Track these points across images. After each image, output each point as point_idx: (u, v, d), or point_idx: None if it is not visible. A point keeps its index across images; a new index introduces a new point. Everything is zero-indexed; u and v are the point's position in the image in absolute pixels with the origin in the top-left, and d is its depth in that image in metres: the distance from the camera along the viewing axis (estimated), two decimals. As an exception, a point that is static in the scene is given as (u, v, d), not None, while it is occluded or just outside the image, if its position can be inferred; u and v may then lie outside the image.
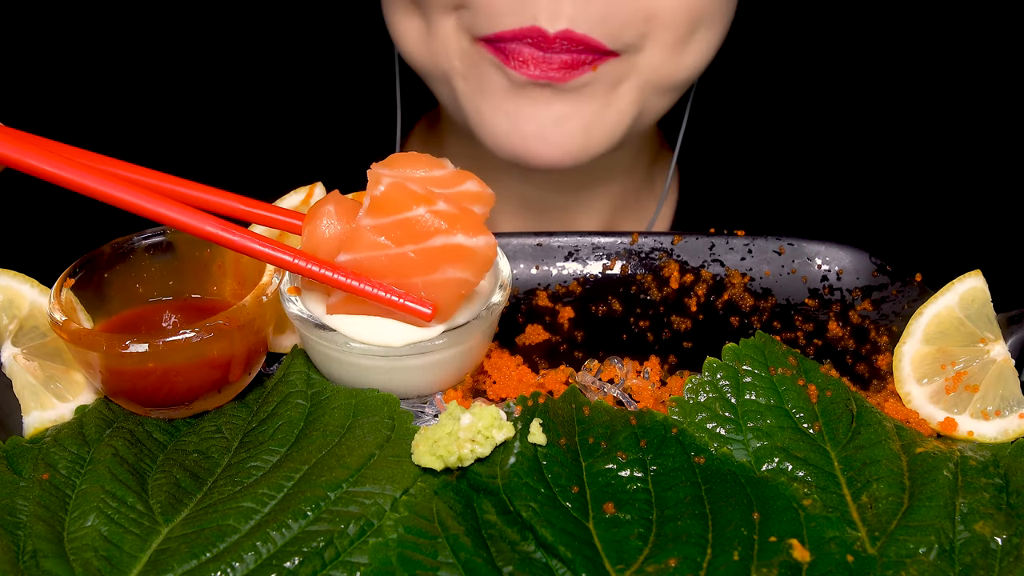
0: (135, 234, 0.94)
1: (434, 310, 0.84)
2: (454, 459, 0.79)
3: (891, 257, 1.09)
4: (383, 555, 0.74)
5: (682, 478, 0.81)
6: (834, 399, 0.88)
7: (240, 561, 0.74)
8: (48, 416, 0.88)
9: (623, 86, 1.17)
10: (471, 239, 0.83)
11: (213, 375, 0.85)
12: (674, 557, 0.74)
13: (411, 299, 0.84)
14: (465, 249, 0.83)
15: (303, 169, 1.22)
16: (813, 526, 0.77)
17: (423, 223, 0.82)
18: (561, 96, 1.15)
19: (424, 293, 0.84)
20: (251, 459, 0.83)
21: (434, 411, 0.91)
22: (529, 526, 0.76)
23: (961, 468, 0.84)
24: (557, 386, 0.93)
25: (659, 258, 1.10)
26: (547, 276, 1.10)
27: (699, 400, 0.87)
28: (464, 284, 0.85)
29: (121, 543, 0.75)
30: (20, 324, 0.91)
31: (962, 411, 0.90)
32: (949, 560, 0.76)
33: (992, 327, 0.93)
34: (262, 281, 0.88)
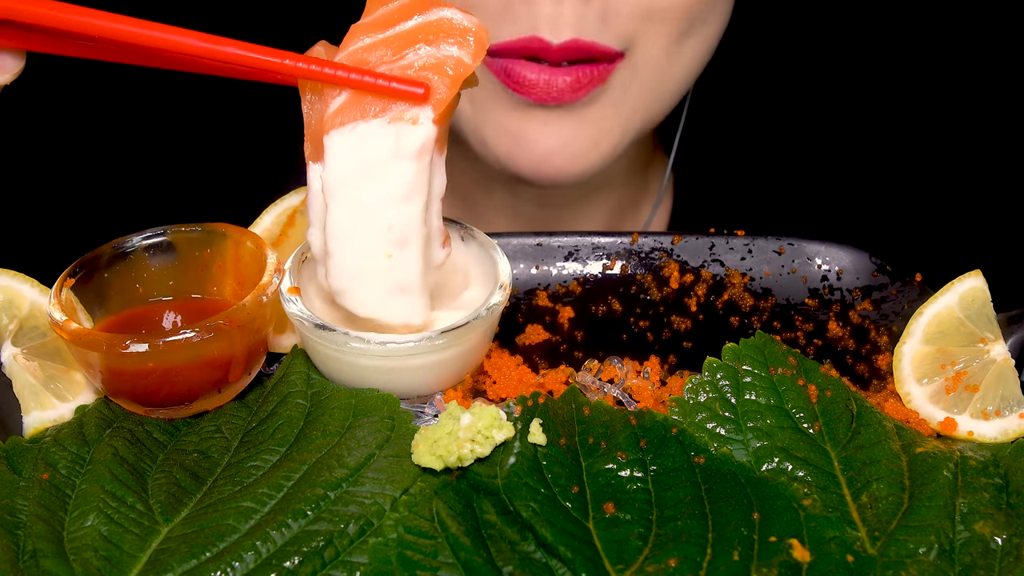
0: (135, 234, 0.94)
1: (427, 90, 0.76)
2: (454, 459, 0.79)
3: (891, 257, 1.09)
4: (383, 555, 0.74)
5: (682, 478, 0.81)
6: (834, 399, 0.88)
7: (240, 561, 0.74)
8: (48, 416, 0.88)
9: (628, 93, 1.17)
10: (459, 16, 0.77)
11: (213, 375, 0.85)
12: (674, 557, 0.74)
13: (401, 80, 0.76)
14: (453, 25, 0.77)
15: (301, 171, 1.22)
16: (813, 526, 0.77)
17: (413, 27, 0.78)
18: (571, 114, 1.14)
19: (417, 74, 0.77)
20: (251, 459, 0.83)
21: (434, 411, 0.91)
22: (529, 526, 0.76)
23: (961, 468, 0.84)
24: (557, 386, 0.93)
25: (659, 258, 1.10)
26: (547, 276, 1.09)
27: (699, 400, 0.87)
28: (458, 64, 0.77)
29: (121, 543, 0.75)
30: (20, 324, 0.91)
31: (962, 411, 0.90)
32: (949, 560, 0.76)
33: (992, 327, 0.93)
34: (262, 281, 0.88)
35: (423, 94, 0.77)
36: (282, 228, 1.01)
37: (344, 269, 0.83)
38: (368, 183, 0.79)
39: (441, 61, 0.78)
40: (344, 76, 0.77)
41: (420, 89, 0.77)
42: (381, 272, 0.83)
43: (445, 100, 0.78)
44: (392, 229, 0.81)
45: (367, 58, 0.80)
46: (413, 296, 0.85)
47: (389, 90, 0.77)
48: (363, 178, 0.79)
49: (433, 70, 0.78)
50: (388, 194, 0.80)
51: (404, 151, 0.78)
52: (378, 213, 0.80)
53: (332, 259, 0.83)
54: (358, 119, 0.78)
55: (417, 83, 0.77)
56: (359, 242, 0.81)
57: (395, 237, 0.81)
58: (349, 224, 0.81)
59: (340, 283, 0.84)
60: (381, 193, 0.80)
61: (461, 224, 0.98)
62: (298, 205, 1.01)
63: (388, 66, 0.79)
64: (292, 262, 0.93)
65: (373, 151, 0.79)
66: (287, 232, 1.01)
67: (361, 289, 0.84)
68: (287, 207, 1.01)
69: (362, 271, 0.83)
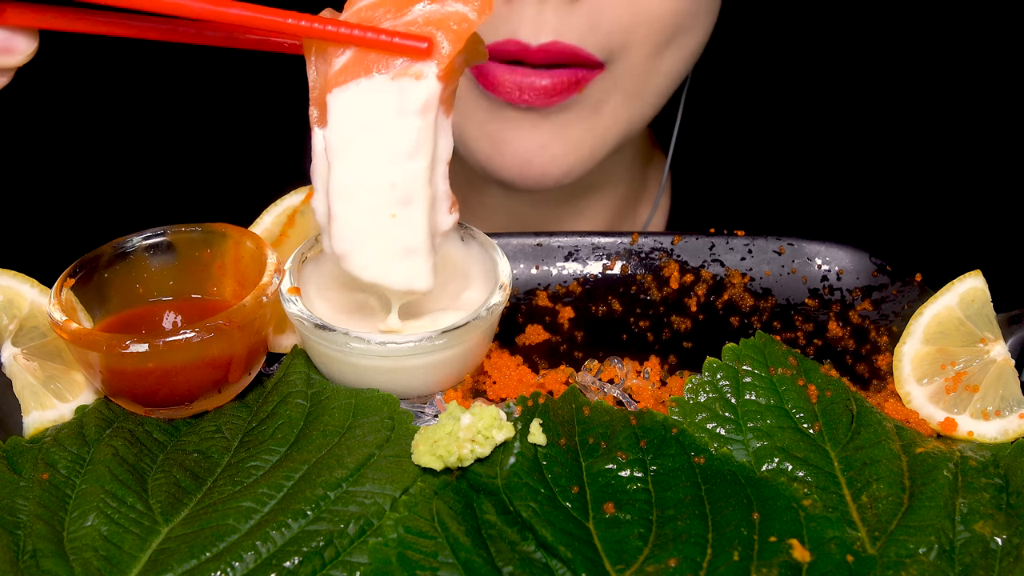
0: (135, 234, 0.94)
1: (430, 44, 0.74)
2: (454, 459, 0.79)
3: (891, 257, 1.09)
4: (383, 555, 0.74)
5: (682, 478, 0.81)
6: (834, 399, 0.88)
7: (240, 561, 0.74)
8: (48, 416, 0.88)
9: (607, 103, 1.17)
10: None
11: (213, 375, 0.85)
12: (674, 557, 0.74)
13: (404, 36, 0.75)
14: None
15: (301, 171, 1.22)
16: (813, 526, 0.77)
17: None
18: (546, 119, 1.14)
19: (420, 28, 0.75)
20: (251, 459, 0.83)
21: (434, 411, 0.91)
22: (529, 526, 0.76)
23: (961, 468, 0.84)
24: (557, 386, 0.93)
25: (659, 258, 1.10)
26: (547, 276, 1.10)
27: (699, 400, 0.87)
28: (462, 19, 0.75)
29: (121, 543, 0.75)
30: (20, 324, 0.91)
31: (962, 411, 0.90)
32: (949, 560, 0.76)
33: (992, 327, 0.93)
34: (262, 281, 0.88)
35: (427, 48, 0.75)
36: (282, 228, 1.01)
37: (347, 230, 0.80)
38: (371, 140, 0.77)
39: (445, 17, 0.76)
40: (347, 33, 0.76)
41: (423, 44, 0.75)
42: (385, 232, 0.80)
43: (449, 55, 0.76)
44: (396, 187, 0.78)
45: (371, 16, 0.78)
46: (418, 259, 0.82)
47: (392, 45, 0.75)
48: (366, 135, 0.77)
49: (437, 25, 0.76)
50: (392, 151, 0.77)
51: (408, 107, 0.76)
52: (381, 171, 0.78)
53: (335, 221, 0.80)
54: (361, 76, 0.76)
55: (420, 38, 0.75)
56: (362, 201, 0.79)
57: (399, 196, 0.79)
58: (352, 183, 0.78)
59: (343, 245, 0.81)
60: (385, 150, 0.77)
61: (461, 224, 0.98)
62: (298, 205, 1.01)
63: (391, 22, 0.77)
64: (292, 262, 0.93)
65: (376, 107, 0.77)
66: (287, 232, 1.01)
67: (365, 251, 0.81)
68: (287, 207, 1.01)
69: (366, 232, 0.80)
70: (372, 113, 0.77)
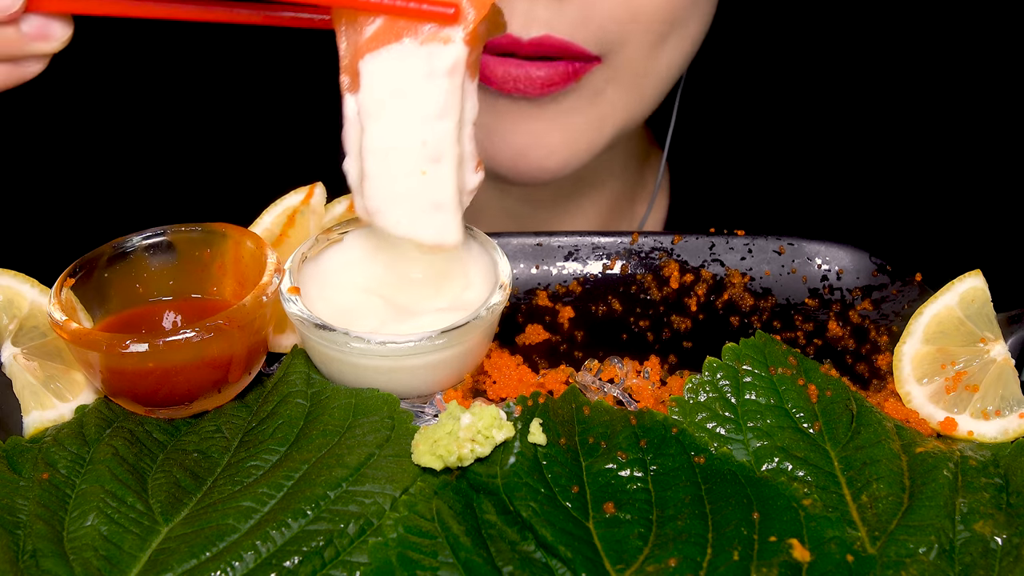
0: (135, 234, 0.94)
1: (457, 10, 0.79)
2: (454, 459, 0.79)
3: (891, 257, 1.09)
4: (383, 555, 0.74)
5: (682, 478, 0.81)
6: (834, 399, 0.88)
7: (240, 560, 0.74)
8: (48, 416, 0.88)
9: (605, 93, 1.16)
10: None
11: (213, 375, 0.85)
12: (674, 557, 0.74)
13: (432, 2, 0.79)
14: None
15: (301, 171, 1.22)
16: (813, 526, 0.77)
17: None
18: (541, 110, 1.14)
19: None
20: (251, 459, 0.83)
21: (434, 411, 0.91)
22: (529, 526, 0.76)
23: (961, 468, 0.84)
24: (557, 386, 0.93)
25: (659, 258, 1.10)
26: (547, 276, 1.10)
27: (699, 400, 0.87)
28: None
29: (121, 543, 0.75)
30: (20, 324, 0.91)
31: (962, 411, 0.90)
32: (949, 560, 0.76)
33: (992, 327, 0.93)
34: (262, 281, 0.88)
35: (453, 14, 0.79)
36: (282, 228, 1.01)
37: (381, 188, 0.85)
38: (403, 102, 0.82)
39: None
40: (377, 2, 0.80)
41: (451, 10, 0.79)
42: (416, 189, 0.84)
43: (475, 20, 0.80)
44: (426, 145, 0.83)
45: None
46: (448, 214, 0.86)
47: (421, 12, 0.79)
48: (398, 98, 0.82)
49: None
50: (422, 112, 0.82)
51: (437, 70, 0.81)
52: (413, 130, 0.82)
53: (369, 180, 0.84)
54: (392, 42, 0.80)
55: (448, 4, 0.79)
56: (395, 160, 0.83)
57: (429, 153, 0.83)
58: (385, 143, 0.83)
59: (376, 203, 0.85)
60: (415, 111, 0.82)
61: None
62: (298, 205, 1.01)
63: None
64: (292, 262, 0.93)
65: (407, 71, 0.81)
66: (287, 232, 1.01)
67: (397, 207, 0.85)
68: (287, 207, 1.01)
69: (398, 189, 0.84)
70: (403, 77, 0.81)
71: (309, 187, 1.02)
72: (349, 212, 1.02)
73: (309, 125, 1.54)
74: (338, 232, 0.98)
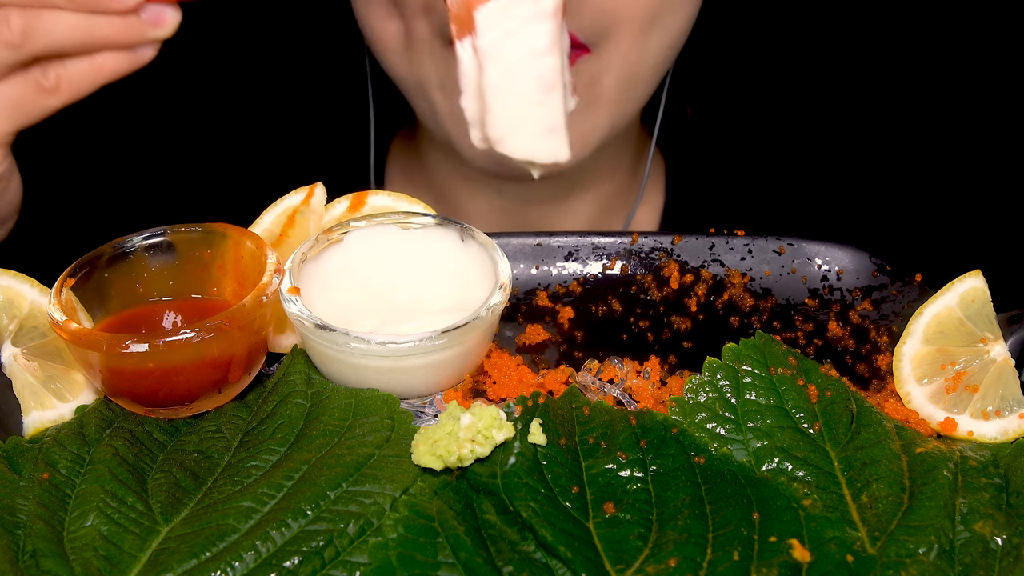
0: (135, 234, 0.94)
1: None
2: (454, 459, 0.79)
3: (891, 257, 1.09)
4: (383, 555, 0.74)
5: (682, 478, 0.81)
6: (834, 399, 0.88)
7: (240, 560, 0.74)
8: (48, 416, 0.88)
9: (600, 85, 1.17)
10: None
11: (213, 375, 0.85)
12: (674, 557, 0.74)
13: None
14: None
15: (301, 171, 1.22)
16: (813, 526, 0.77)
17: None
18: None
19: None
20: (251, 459, 0.83)
21: (434, 411, 0.91)
22: (529, 526, 0.76)
23: (961, 468, 0.84)
24: (557, 386, 0.93)
25: (659, 258, 1.10)
26: (547, 276, 1.10)
27: (699, 400, 0.87)
28: None
29: (121, 543, 0.75)
30: (20, 324, 0.91)
31: (962, 411, 0.90)
32: (949, 560, 0.76)
33: (992, 327, 0.93)
34: (262, 281, 0.88)
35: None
36: (282, 228, 1.01)
37: (503, 118, 0.95)
38: (516, 41, 0.93)
39: None
40: None
41: None
42: (534, 115, 0.94)
43: None
44: (540, 77, 0.94)
45: None
46: (559, 136, 0.96)
47: None
48: (512, 38, 0.93)
49: None
50: (534, 48, 0.93)
51: (543, 11, 0.93)
52: (528, 65, 0.93)
53: (491, 112, 0.95)
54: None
55: None
56: (515, 92, 0.94)
57: (543, 84, 0.94)
58: (505, 78, 0.93)
59: (499, 131, 0.95)
60: (528, 48, 0.93)
61: (461, 224, 0.98)
62: (298, 205, 1.01)
63: None
64: (292, 262, 0.93)
65: (517, 15, 0.93)
66: (287, 232, 1.01)
67: (518, 133, 0.95)
68: (287, 207, 1.01)
69: (518, 117, 0.95)
70: (514, 20, 0.93)
71: (309, 187, 1.02)
72: (349, 212, 1.02)
73: (309, 125, 1.54)
74: (338, 232, 0.98)
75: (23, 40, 0.90)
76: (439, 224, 0.98)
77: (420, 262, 0.98)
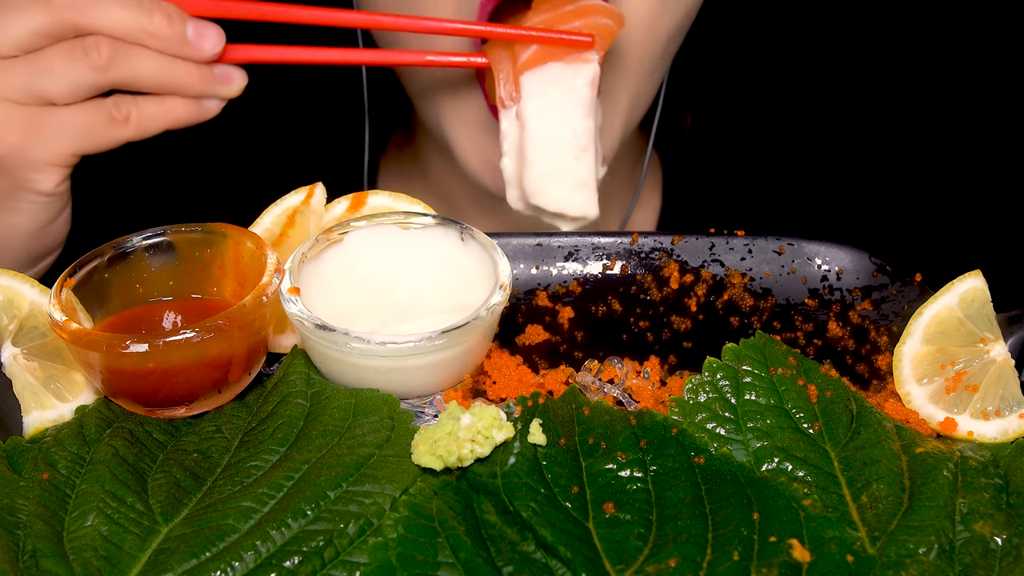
0: (135, 234, 0.94)
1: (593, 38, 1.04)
2: (454, 459, 0.79)
3: (891, 257, 1.09)
4: (383, 555, 0.74)
5: (682, 478, 0.81)
6: (834, 399, 0.88)
7: (240, 560, 0.74)
8: (48, 416, 0.88)
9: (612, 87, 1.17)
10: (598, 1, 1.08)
11: (213, 375, 0.85)
12: (674, 557, 0.74)
13: (573, 33, 1.04)
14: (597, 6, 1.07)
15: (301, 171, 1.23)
16: (813, 526, 0.77)
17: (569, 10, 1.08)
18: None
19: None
20: (251, 459, 0.83)
21: (434, 411, 0.91)
22: (529, 526, 0.76)
23: (961, 468, 0.84)
24: (557, 386, 0.93)
25: (659, 258, 1.10)
26: (547, 276, 1.09)
27: (699, 400, 0.87)
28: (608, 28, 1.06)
29: (121, 543, 0.75)
30: (20, 324, 0.91)
31: (962, 411, 0.90)
32: (949, 560, 0.76)
33: (992, 327, 0.93)
34: (262, 281, 0.88)
35: (590, 41, 1.05)
36: (282, 228, 1.01)
37: (541, 171, 1.06)
38: (557, 105, 1.06)
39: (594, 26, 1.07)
40: (534, 34, 1.06)
41: (588, 38, 1.05)
42: (568, 170, 1.06)
43: (604, 47, 1.06)
44: (577, 136, 1.06)
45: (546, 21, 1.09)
46: (590, 191, 1.07)
47: (567, 41, 1.05)
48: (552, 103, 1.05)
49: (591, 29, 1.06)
50: (574, 112, 1.05)
51: (580, 83, 1.06)
52: (567, 125, 1.05)
53: (531, 166, 1.06)
54: (548, 60, 1.06)
55: (585, 34, 1.05)
56: (553, 147, 1.06)
57: (579, 143, 1.06)
58: (546, 135, 1.06)
59: (537, 184, 1.06)
60: (569, 112, 1.05)
61: (461, 224, 0.98)
62: (298, 205, 1.01)
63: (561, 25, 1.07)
64: (292, 262, 0.93)
65: (558, 83, 1.06)
66: (287, 232, 1.01)
67: (553, 186, 1.06)
68: (287, 207, 1.01)
69: (554, 170, 1.06)
70: (556, 87, 1.06)
71: (309, 187, 1.02)
72: (349, 212, 1.02)
73: (309, 125, 1.54)
74: (338, 232, 0.98)
75: (108, 65, 0.97)
76: (439, 224, 0.98)
77: (420, 262, 0.98)
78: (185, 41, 0.99)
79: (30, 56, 0.97)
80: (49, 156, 1.01)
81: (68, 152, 1.01)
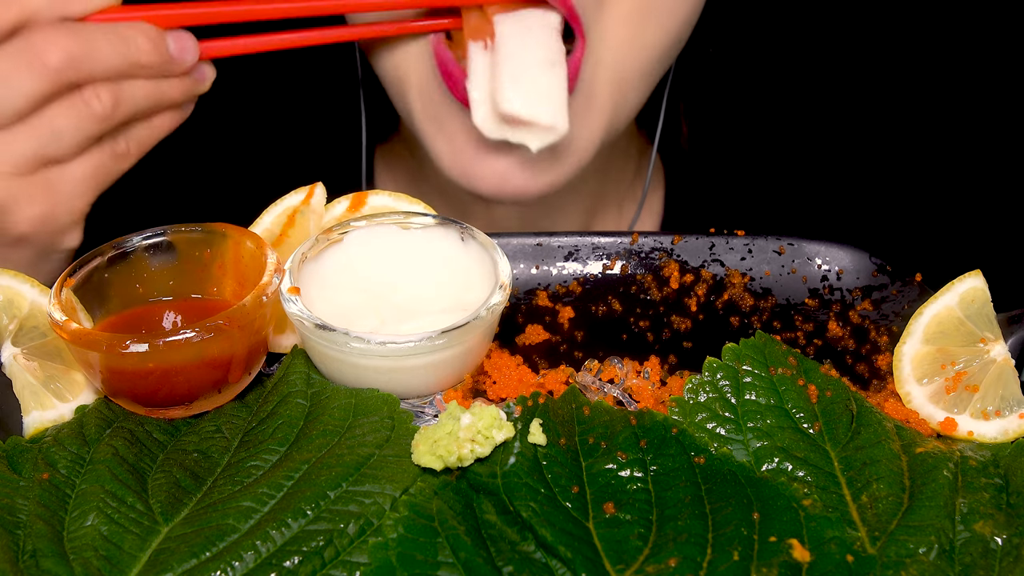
0: (135, 234, 0.94)
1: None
2: (454, 459, 0.79)
3: (891, 257, 1.09)
4: (383, 555, 0.74)
5: (682, 478, 0.81)
6: (834, 399, 0.88)
7: (240, 560, 0.74)
8: (48, 416, 0.88)
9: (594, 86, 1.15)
10: None
11: (213, 375, 0.85)
12: (674, 557, 0.74)
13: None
14: None
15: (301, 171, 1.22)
16: (813, 526, 0.77)
17: None
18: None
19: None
20: (251, 459, 0.83)
21: (434, 411, 0.91)
22: (529, 526, 0.76)
23: (961, 468, 0.84)
24: (557, 386, 0.93)
25: (659, 258, 1.10)
26: (547, 276, 1.09)
27: (699, 400, 0.87)
28: None
29: (121, 542, 0.75)
30: (20, 324, 0.91)
31: (962, 411, 0.90)
32: (949, 560, 0.76)
33: (992, 327, 0.93)
34: (262, 281, 0.88)
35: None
36: (282, 228, 1.01)
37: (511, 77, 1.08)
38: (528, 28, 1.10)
39: None
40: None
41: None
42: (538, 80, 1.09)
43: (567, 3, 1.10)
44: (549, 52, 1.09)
45: None
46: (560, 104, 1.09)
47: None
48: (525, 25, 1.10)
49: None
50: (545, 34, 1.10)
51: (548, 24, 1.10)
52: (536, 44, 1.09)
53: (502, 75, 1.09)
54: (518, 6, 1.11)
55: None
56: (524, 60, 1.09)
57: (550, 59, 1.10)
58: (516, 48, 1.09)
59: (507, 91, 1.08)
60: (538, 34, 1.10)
61: (461, 224, 0.98)
62: (298, 205, 1.01)
63: None
64: (292, 262, 0.93)
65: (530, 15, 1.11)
66: (287, 232, 1.01)
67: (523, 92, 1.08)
68: (287, 207, 1.01)
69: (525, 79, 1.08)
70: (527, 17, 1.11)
71: (309, 187, 1.02)
72: (349, 212, 1.02)
73: (309, 125, 1.54)
74: (338, 232, 0.98)
75: (113, 111, 0.97)
76: (439, 224, 0.98)
77: (420, 262, 0.98)
78: (170, 59, 1.00)
79: (31, 121, 0.95)
80: (74, 215, 1.01)
81: (88, 203, 1.02)
